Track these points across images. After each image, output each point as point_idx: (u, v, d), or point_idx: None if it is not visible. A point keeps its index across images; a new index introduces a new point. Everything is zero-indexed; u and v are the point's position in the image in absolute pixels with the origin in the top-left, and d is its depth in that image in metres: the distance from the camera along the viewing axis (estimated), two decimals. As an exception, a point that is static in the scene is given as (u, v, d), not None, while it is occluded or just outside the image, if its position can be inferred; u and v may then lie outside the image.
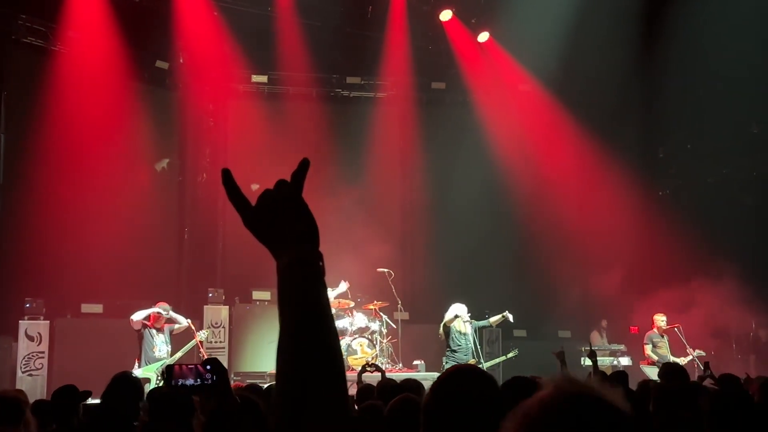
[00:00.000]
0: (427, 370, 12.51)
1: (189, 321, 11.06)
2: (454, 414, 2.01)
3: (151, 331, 10.51)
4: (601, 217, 14.93)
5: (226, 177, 1.53)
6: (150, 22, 14.29)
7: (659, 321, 11.96)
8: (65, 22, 13.64)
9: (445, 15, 15.74)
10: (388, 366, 12.42)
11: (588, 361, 12.60)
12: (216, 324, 13.55)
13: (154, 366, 10.28)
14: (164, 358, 10.37)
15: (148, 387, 9.09)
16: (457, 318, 11.02)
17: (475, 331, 11.26)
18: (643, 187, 15.44)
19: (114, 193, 13.84)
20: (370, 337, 12.85)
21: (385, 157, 16.03)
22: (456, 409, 2.01)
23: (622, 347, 13.52)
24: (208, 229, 15.74)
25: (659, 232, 14.36)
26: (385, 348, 13.05)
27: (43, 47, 13.61)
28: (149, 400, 4.12)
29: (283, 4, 14.96)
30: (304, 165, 1.49)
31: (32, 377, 12.02)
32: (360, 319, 13.03)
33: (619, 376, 6.72)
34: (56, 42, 13.66)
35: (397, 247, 15.87)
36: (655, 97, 15.60)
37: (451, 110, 16.61)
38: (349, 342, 12.38)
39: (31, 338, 12.18)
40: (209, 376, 2.91)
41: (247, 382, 8.26)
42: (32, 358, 12.10)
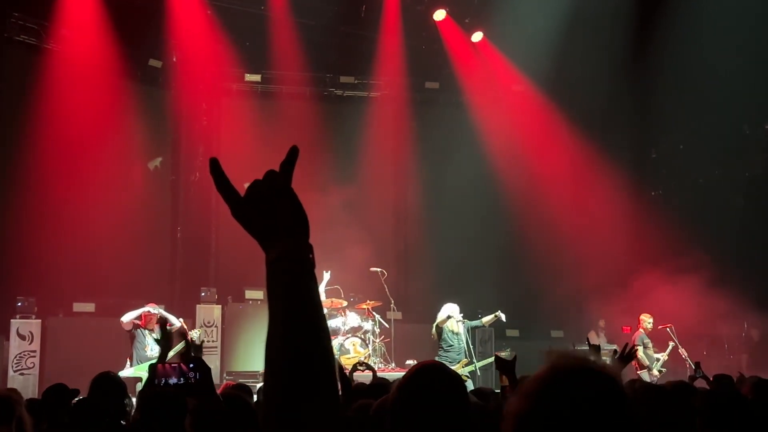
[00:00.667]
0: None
1: (181, 320, 11.04)
2: (419, 412, 2.01)
3: (143, 331, 10.50)
4: (593, 217, 14.97)
5: (214, 166, 1.49)
6: (143, 21, 14.26)
7: (646, 322, 12.00)
8: (58, 21, 13.61)
9: (439, 15, 15.75)
10: (380, 366, 12.43)
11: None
12: (208, 323, 13.54)
13: (146, 365, 10.25)
14: (156, 358, 10.35)
15: (140, 386, 9.06)
16: (450, 318, 11.03)
17: (468, 331, 11.27)
18: (636, 187, 15.50)
19: (107, 191, 13.82)
20: (362, 337, 12.86)
21: (379, 157, 16.04)
22: (421, 407, 2.01)
23: (615, 347, 13.53)
24: (200, 228, 15.71)
25: (651, 232, 14.40)
26: (377, 347, 13.06)
27: (36, 45, 13.57)
28: (141, 399, 4.13)
29: (277, 3, 14.95)
30: (293, 153, 1.45)
31: (24, 376, 11.98)
32: (353, 319, 13.04)
33: None
34: (49, 40, 13.62)
35: (390, 247, 15.89)
36: (648, 98, 15.65)
37: (445, 110, 16.63)
38: (342, 341, 12.39)
39: (22, 337, 12.15)
40: (193, 375, 2.91)
41: (238, 381, 8.26)
42: (24, 357, 12.07)
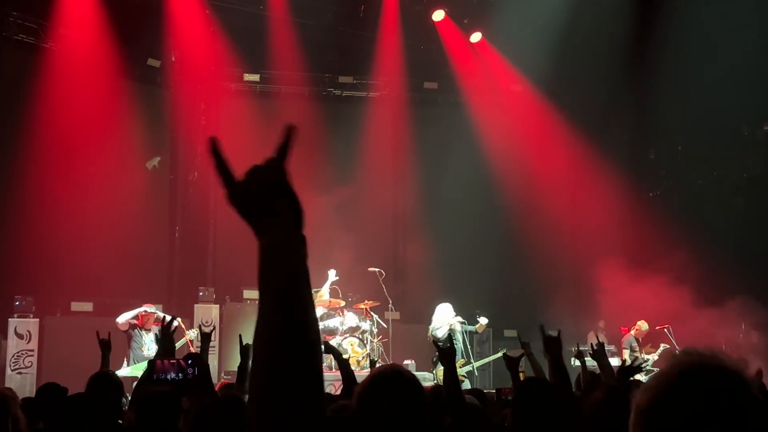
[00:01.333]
0: (417, 370, 12.50)
1: (179, 320, 11.01)
2: (377, 419, 1.99)
3: (141, 331, 10.48)
4: (591, 217, 14.97)
5: (214, 147, 1.44)
6: (142, 20, 14.24)
7: (641, 327, 12.04)
8: (57, 20, 13.60)
9: (438, 15, 15.75)
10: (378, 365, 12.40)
11: (577, 362, 12.66)
12: (206, 323, 13.51)
13: (143, 365, 10.22)
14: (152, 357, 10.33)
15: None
16: (446, 318, 11.05)
17: (465, 332, 11.28)
18: (634, 188, 15.49)
19: (105, 190, 13.81)
20: (360, 337, 12.85)
21: (377, 157, 16.04)
22: (378, 415, 2.00)
23: (612, 348, 13.56)
24: (199, 228, 15.71)
25: (649, 232, 14.40)
26: (375, 347, 13.05)
27: (35, 44, 13.56)
28: (136, 399, 4.13)
29: (276, 3, 14.94)
30: (289, 133, 1.41)
31: (21, 375, 11.98)
32: (351, 319, 13.02)
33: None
34: (48, 39, 13.61)
35: (388, 247, 15.89)
36: (647, 99, 15.65)
37: (443, 110, 16.64)
38: (340, 341, 12.37)
39: (20, 336, 12.14)
40: (191, 371, 2.90)
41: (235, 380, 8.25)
42: (22, 356, 12.06)
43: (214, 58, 15.16)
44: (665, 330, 11.90)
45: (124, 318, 10.37)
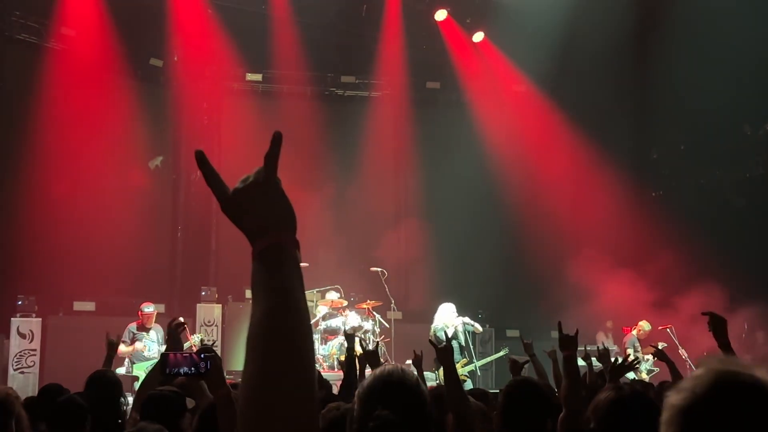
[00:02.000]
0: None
1: (181, 319, 11.01)
2: (379, 422, 1.98)
3: (139, 335, 10.52)
4: (594, 217, 14.96)
5: (201, 159, 1.50)
6: (144, 20, 14.26)
7: (642, 328, 12.04)
8: (59, 20, 13.63)
9: (440, 15, 15.75)
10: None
11: (580, 360, 12.65)
12: (209, 322, 13.54)
13: (144, 365, 10.25)
14: (154, 359, 10.32)
15: (137, 385, 9.06)
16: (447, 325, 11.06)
17: (468, 332, 11.28)
18: (636, 187, 15.48)
19: (107, 190, 13.83)
20: (363, 336, 12.85)
21: (379, 157, 16.04)
22: (380, 418, 1.99)
23: (615, 348, 13.56)
24: (201, 227, 15.71)
25: (652, 232, 14.40)
26: (378, 347, 13.03)
27: (38, 44, 13.58)
28: (141, 399, 4.14)
29: (278, 2, 14.94)
30: (276, 141, 1.42)
31: (24, 375, 11.99)
32: (353, 319, 13.02)
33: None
34: (50, 39, 13.64)
35: (390, 246, 15.88)
36: (649, 98, 15.65)
37: (446, 110, 16.64)
38: (342, 341, 12.36)
39: (23, 336, 12.15)
40: (204, 365, 2.91)
41: (238, 380, 8.26)
42: (24, 356, 12.07)
43: (217, 58, 15.17)
44: (668, 330, 11.89)
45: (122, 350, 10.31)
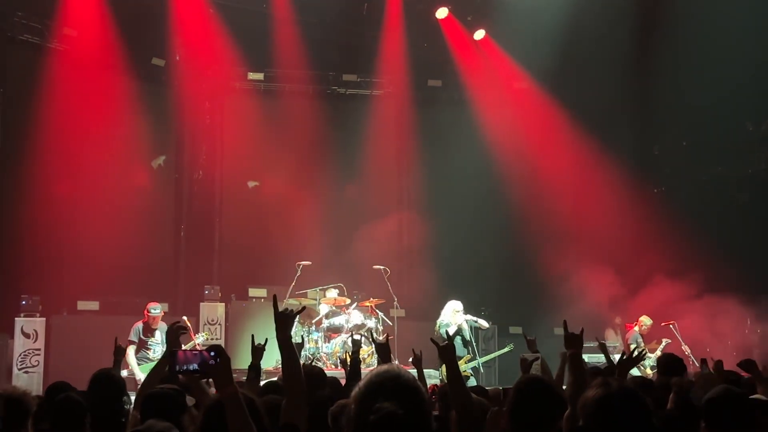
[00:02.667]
0: (423, 367, 12.50)
1: (185, 318, 11.06)
2: (375, 423, 1.99)
3: (145, 338, 10.51)
4: (596, 214, 14.96)
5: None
6: (146, 20, 14.27)
7: (643, 323, 12.04)
8: (62, 20, 13.63)
9: (441, 13, 15.74)
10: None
11: (585, 357, 12.67)
12: (212, 321, 13.56)
13: (148, 366, 10.25)
14: (158, 360, 10.31)
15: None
16: (456, 314, 11.07)
17: (471, 328, 11.30)
18: (638, 184, 15.47)
19: (110, 190, 13.87)
20: (366, 334, 12.87)
21: (381, 155, 16.05)
22: (376, 419, 1.99)
23: (618, 344, 13.58)
24: (204, 226, 15.76)
25: (653, 229, 14.40)
26: (381, 345, 13.05)
27: (40, 45, 13.59)
28: (141, 398, 4.15)
29: (279, 1, 14.94)
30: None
31: (28, 374, 12.01)
32: (356, 316, 13.04)
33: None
34: (53, 40, 13.65)
35: (393, 244, 15.90)
36: (650, 95, 15.63)
37: (447, 108, 16.63)
38: (345, 339, 12.38)
39: (27, 335, 12.16)
40: (213, 363, 2.93)
41: (242, 379, 8.26)
42: (28, 356, 12.09)
43: (218, 57, 15.18)
44: (670, 326, 11.90)
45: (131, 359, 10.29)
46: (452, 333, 10.84)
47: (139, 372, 10.11)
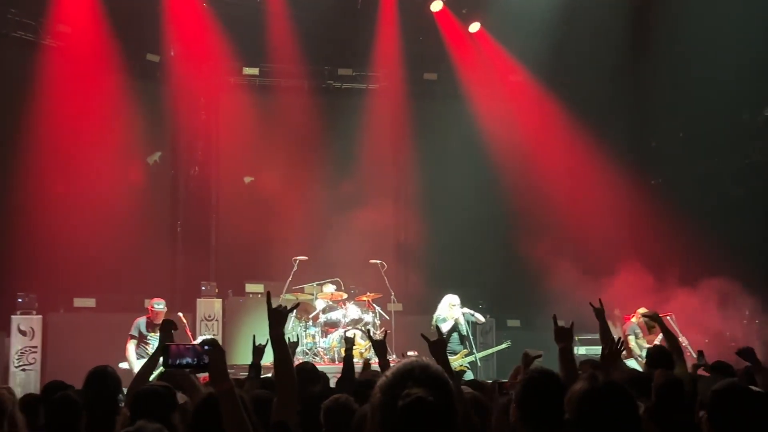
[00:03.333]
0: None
1: (181, 314, 11.06)
2: (406, 414, 1.97)
3: (149, 334, 10.48)
4: (593, 206, 14.94)
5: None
6: (140, 16, 14.23)
7: (640, 315, 12.02)
8: (55, 17, 13.58)
9: (436, 6, 15.70)
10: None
11: (582, 350, 12.68)
12: (209, 317, 13.55)
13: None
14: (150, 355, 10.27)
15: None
16: (453, 308, 11.05)
17: (468, 322, 11.28)
18: (636, 176, 15.45)
19: (106, 186, 13.82)
20: (363, 329, 12.87)
21: (378, 149, 16.01)
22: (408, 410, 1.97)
23: (619, 336, 13.56)
24: (201, 222, 15.73)
25: (651, 221, 14.39)
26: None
27: (33, 41, 13.55)
28: (131, 395, 4.14)
29: (273, -4, 14.91)
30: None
31: (25, 372, 12.02)
32: (353, 311, 13.04)
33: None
34: (46, 36, 13.61)
35: (389, 239, 15.89)
36: (647, 86, 15.62)
37: (443, 101, 16.60)
38: (343, 333, 12.37)
39: (23, 333, 12.17)
40: (207, 357, 2.89)
41: (240, 376, 8.26)
42: (25, 353, 12.09)
43: (213, 53, 15.13)
44: (668, 318, 11.87)
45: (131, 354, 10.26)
46: (449, 327, 10.84)
47: (138, 367, 10.07)
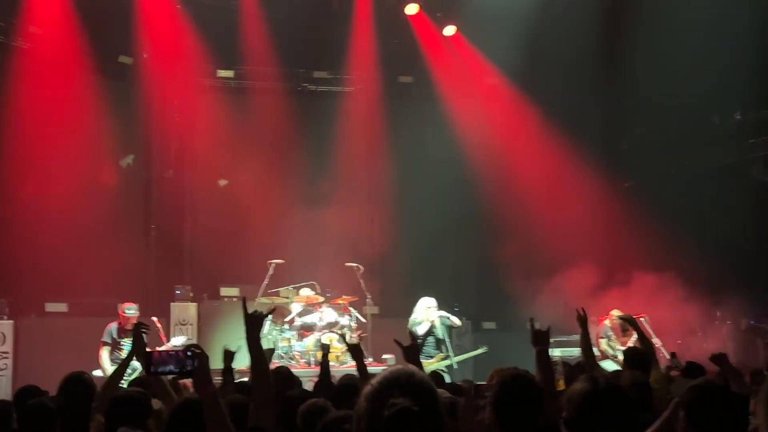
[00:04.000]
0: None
1: (155, 319, 10.97)
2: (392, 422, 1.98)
3: (121, 341, 10.39)
4: (567, 209, 15.04)
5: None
6: (112, 17, 14.11)
7: (614, 316, 12.11)
8: (26, 18, 13.42)
9: (411, 9, 15.72)
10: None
11: (558, 352, 12.73)
12: (183, 321, 13.45)
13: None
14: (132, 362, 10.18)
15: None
16: (428, 310, 11.05)
17: (445, 326, 11.28)
18: (609, 178, 15.58)
19: (78, 189, 13.66)
20: (339, 332, 12.83)
21: (353, 151, 15.98)
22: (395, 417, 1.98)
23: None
24: (174, 226, 15.60)
25: (624, 223, 14.51)
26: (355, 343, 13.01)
27: (4, 43, 13.38)
28: (104, 400, 4.10)
29: (248, -2, 14.84)
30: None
31: (-3, 378, 11.86)
32: (329, 314, 12.99)
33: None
34: (17, 38, 13.43)
35: (365, 241, 15.86)
36: (619, 89, 15.75)
37: (418, 104, 16.61)
38: (319, 337, 12.33)
39: (-5, 338, 12.01)
40: (190, 363, 2.83)
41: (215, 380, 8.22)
42: (-4, 359, 11.94)
43: (187, 55, 15.02)
44: (641, 320, 11.96)
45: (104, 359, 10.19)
46: (425, 330, 10.85)
47: None
